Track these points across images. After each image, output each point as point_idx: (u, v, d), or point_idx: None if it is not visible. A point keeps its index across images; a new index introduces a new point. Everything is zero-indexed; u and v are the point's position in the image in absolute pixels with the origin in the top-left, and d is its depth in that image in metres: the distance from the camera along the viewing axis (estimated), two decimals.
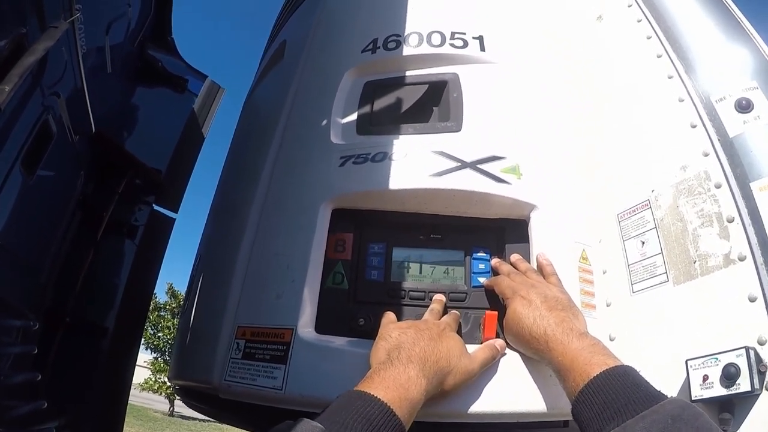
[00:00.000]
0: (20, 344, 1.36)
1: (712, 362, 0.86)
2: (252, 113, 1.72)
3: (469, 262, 1.08)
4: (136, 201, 2.20)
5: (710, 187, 0.99)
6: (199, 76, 2.54)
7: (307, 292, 1.03)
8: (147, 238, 2.19)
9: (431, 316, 0.98)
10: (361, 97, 1.23)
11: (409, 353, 0.84)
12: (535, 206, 1.07)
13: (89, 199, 1.95)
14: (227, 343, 1.08)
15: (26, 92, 1.28)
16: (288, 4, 1.86)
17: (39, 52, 1.21)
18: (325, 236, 1.08)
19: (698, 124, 1.06)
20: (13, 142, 1.27)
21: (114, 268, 2.11)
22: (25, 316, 1.31)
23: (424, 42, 1.25)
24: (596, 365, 0.77)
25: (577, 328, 0.87)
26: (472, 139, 1.12)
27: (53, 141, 1.48)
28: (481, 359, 0.91)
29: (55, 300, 1.79)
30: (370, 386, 0.77)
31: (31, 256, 1.58)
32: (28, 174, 1.38)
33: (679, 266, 0.99)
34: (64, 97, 1.51)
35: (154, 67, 2.33)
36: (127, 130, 2.23)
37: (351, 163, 1.11)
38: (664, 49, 1.19)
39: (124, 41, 2.08)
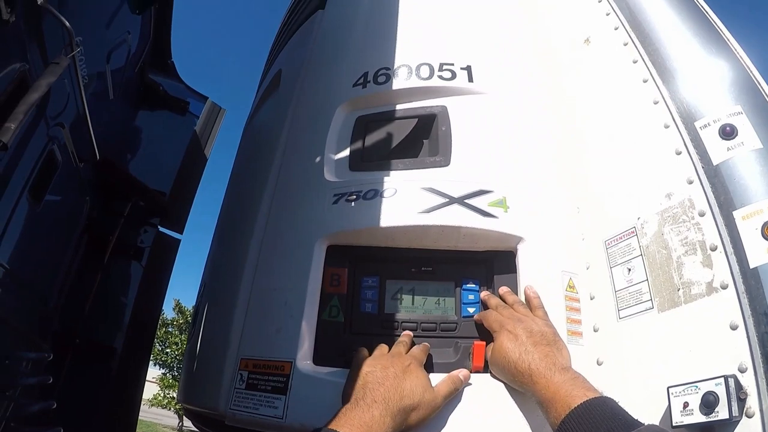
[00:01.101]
0: (36, 375, 1.42)
1: (692, 390, 0.89)
2: (251, 142, 1.76)
3: (459, 293, 1.12)
4: (142, 223, 2.26)
5: (694, 215, 1.01)
6: (200, 98, 2.59)
7: (305, 325, 1.08)
8: (153, 259, 2.25)
9: (400, 348, 1.03)
10: (353, 133, 1.27)
11: (373, 394, 0.90)
12: (522, 238, 1.10)
13: (95, 223, 2.01)
14: (231, 373, 1.14)
15: (31, 125, 1.33)
16: (282, 31, 1.89)
17: (42, 88, 1.25)
18: (320, 271, 1.12)
19: (683, 150, 1.07)
20: (20, 173, 1.32)
21: (121, 290, 2.16)
22: (39, 348, 1.36)
23: (413, 75, 1.29)
24: (577, 397, 0.82)
25: (560, 362, 0.92)
26: (460, 173, 1.15)
27: (59, 170, 1.53)
28: (444, 392, 0.96)
29: (64, 323, 1.85)
30: (337, 425, 0.84)
31: (40, 281, 1.64)
32: (35, 202, 1.43)
33: (663, 293, 1.01)
34: (68, 126, 1.56)
35: (156, 91, 2.38)
36: (130, 154, 2.29)
37: (344, 200, 1.15)
38: (649, 74, 1.20)
39: (124, 67, 2.12)
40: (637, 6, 1.30)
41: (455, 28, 1.40)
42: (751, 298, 0.89)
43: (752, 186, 0.97)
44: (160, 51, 2.47)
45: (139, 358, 2.21)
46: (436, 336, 1.09)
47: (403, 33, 1.39)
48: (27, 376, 1.40)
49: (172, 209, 2.36)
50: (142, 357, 2.25)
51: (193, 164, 2.50)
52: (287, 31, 1.82)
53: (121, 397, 2.06)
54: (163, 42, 2.46)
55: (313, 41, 1.57)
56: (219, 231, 1.69)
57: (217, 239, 1.68)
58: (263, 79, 1.89)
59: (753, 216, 0.95)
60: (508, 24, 1.45)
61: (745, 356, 0.86)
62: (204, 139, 2.55)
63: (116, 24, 1.94)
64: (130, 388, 2.14)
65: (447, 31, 1.40)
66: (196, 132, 2.52)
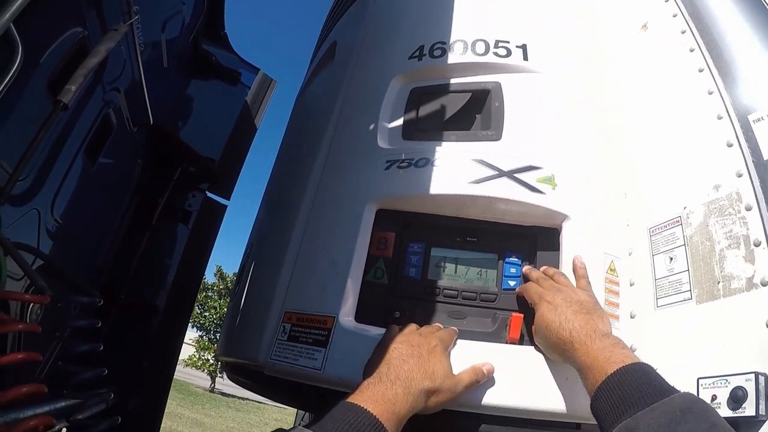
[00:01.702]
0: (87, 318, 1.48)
1: (722, 383, 0.89)
2: (303, 111, 1.79)
3: (502, 265, 1.14)
4: (190, 188, 2.32)
5: (741, 209, 1.00)
6: (252, 69, 2.62)
7: (350, 284, 1.12)
8: (199, 223, 2.31)
9: (430, 329, 1.04)
10: (407, 103, 1.29)
11: (397, 371, 0.91)
12: (567, 216, 1.11)
13: (146, 186, 2.09)
14: (274, 326, 1.18)
15: (89, 89, 1.40)
16: (337, 5, 1.91)
17: (101, 53, 1.31)
18: (368, 234, 1.16)
19: (734, 143, 1.06)
20: (76, 135, 1.38)
21: (167, 251, 2.24)
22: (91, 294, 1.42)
23: (468, 50, 1.30)
24: (614, 363, 0.83)
25: (601, 329, 0.92)
26: (511, 148, 1.17)
27: (113, 132, 1.59)
28: (466, 382, 0.96)
29: (112, 279, 1.93)
30: (360, 399, 0.84)
31: (91, 238, 1.71)
32: (90, 162, 1.49)
33: (703, 285, 1.01)
34: (124, 91, 1.62)
35: (208, 61, 2.43)
36: (182, 121, 2.35)
37: (396, 167, 1.18)
38: (706, 64, 1.19)
39: (179, 37, 2.18)
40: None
41: (512, 5, 1.41)
42: None
43: None
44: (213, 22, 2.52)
45: (180, 317, 2.28)
46: (476, 306, 1.11)
47: (459, 8, 1.40)
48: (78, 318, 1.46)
49: (220, 176, 2.40)
50: (182, 317, 2.30)
51: (243, 134, 2.54)
52: (342, 4, 1.84)
53: (160, 353, 2.13)
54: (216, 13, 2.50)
55: (369, 14, 1.59)
56: (268, 196, 1.74)
57: (266, 203, 1.72)
58: (317, 51, 1.92)
59: None
60: (565, 5, 1.45)
61: None
62: (254, 110, 2.58)
63: None
64: (169, 345, 2.21)
65: (504, 9, 1.41)
66: (247, 102, 2.55)
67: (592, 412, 0.84)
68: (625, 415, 0.75)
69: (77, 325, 1.44)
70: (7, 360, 0.95)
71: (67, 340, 1.43)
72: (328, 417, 0.82)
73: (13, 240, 1.10)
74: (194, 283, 2.43)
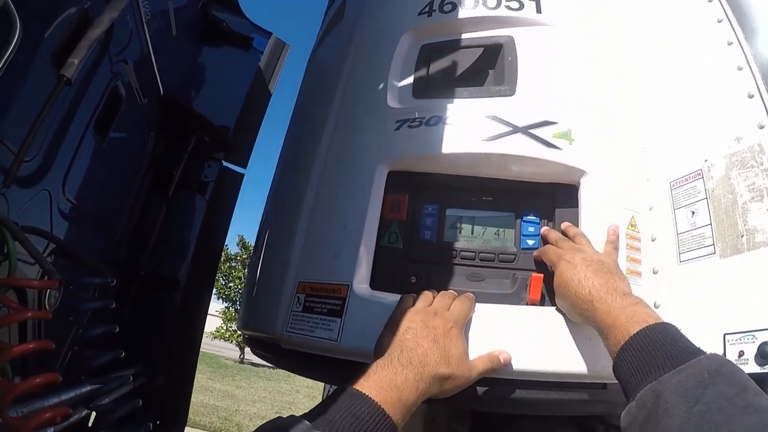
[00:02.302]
0: (99, 300, 1.46)
1: (749, 339, 0.88)
2: (314, 73, 1.76)
3: (519, 224, 1.11)
4: (206, 158, 2.27)
5: (763, 161, 0.97)
6: (264, 33, 2.55)
7: (363, 250, 1.09)
8: (217, 193, 2.27)
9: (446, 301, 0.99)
10: (417, 61, 1.25)
11: (409, 355, 0.87)
12: (585, 172, 1.08)
13: (160, 158, 2.05)
14: (289, 297, 1.16)
15: (95, 62, 1.35)
16: None
17: (104, 24, 1.26)
18: (381, 197, 1.13)
19: (755, 94, 1.03)
20: (84, 109, 1.35)
21: (186, 223, 2.20)
22: (103, 274, 1.41)
23: (479, 4, 1.25)
24: (637, 323, 0.80)
25: (621, 288, 0.90)
26: (526, 103, 1.13)
27: (123, 105, 1.56)
28: (480, 369, 0.93)
29: (130, 255, 1.91)
30: (365, 385, 0.81)
31: (106, 215, 1.70)
32: (101, 138, 1.46)
33: (726, 239, 0.98)
34: (132, 63, 1.58)
35: (219, 27, 2.35)
36: (194, 90, 2.30)
37: (407, 126, 1.15)
38: (725, 14, 1.15)
39: (187, 3, 2.12)
40: None
41: None
42: None
43: None
44: None
45: (202, 291, 2.25)
46: (495, 267, 1.09)
47: None
48: (90, 301, 1.45)
49: (235, 144, 2.35)
50: (205, 290, 2.28)
51: (257, 100, 2.48)
52: None
53: (184, 328, 2.11)
54: None
55: None
56: (281, 162, 1.71)
57: (279, 170, 1.70)
58: (328, 10, 1.87)
59: None
60: None
61: None
62: (268, 75, 2.51)
63: None
64: (193, 319, 2.19)
65: None
66: (260, 68, 2.49)
67: (615, 375, 0.82)
68: (650, 378, 0.73)
69: (89, 308, 1.43)
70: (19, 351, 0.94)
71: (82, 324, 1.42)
72: (329, 403, 0.79)
73: (24, 224, 1.08)
74: (215, 255, 2.41)
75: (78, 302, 1.37)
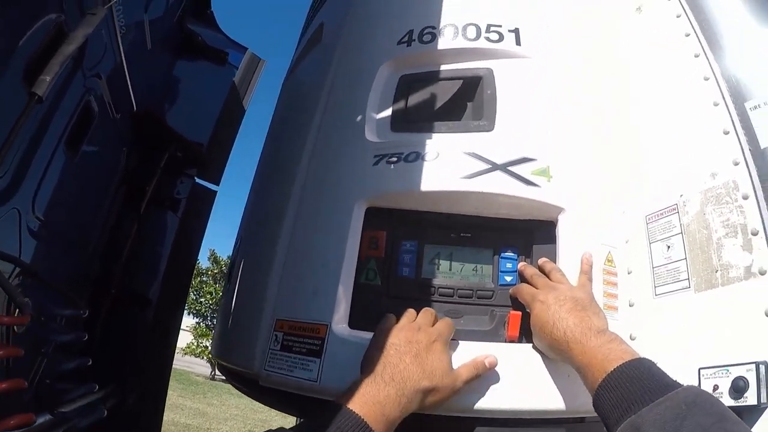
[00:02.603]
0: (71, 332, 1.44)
1: (723, 373, 0.89)
2: (291, 96, 1.74)
3: (497, 261, 1.11)
4: (179, 174, 2.24)
5: (738, 197, 0.99)
6: (239, 48, 2.53)
7: (341, 288, 1.08)
8: (189, 210, 2.24)
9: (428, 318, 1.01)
10: (396, 92, 1.25)
11: (392, 371, 0.88)
12: (563, 209, 1.08)
13: (132, 174, 2.01)
14: (267, 334, 1.15)
15: (67, 77, 1.32)
16: None
17: (78, 39, 1.23)
18: (359, 234, 1.12)
19: (731, 130, 1.05)
20: (56, 125, 1.31)
21: (157, 240, 2.17)
22: (75, 305, 1.38)
23: (459, 35, 1.25)
24: (613, 360, 0.81)
25: (596, 325, 0.91)
26: (504, 139, 1.13)
27: (95, 121, 1.52)
28: (465, 377, 0.94)
29: (101, 273, 1.87)
30: (350, 401, 0.83)
31: (77, 232, 1.65)
32: (72, 154, 1.43)
33: (701, 274, 1.00)
34: (105, 77, 1.55)
35: (194, 41, 2.33)
36: (168, 104, 2.27)
37: (385, 162, 1.14)
38: (702, 49, 1.17)
39: (163, 17, 2.08)
40: None
41: None
42: None
43: None
44: (199, 0, 2.42)
45: (174, 308, 2.24)
46: (473, 303, 1.08)
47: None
48: (61, 333, 1.42)
49: (209, 160, 2.34)
50: (177, 307, 2.26)
51: (231, 115, 2.46)
52: None
53: (155, 347, 2.09)
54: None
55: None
56: (256, 185, 1.69)
57: (254, 194, 1.67)
58: (305, 31, 1.85)
59: None
60: None
61: None
62: (243, 91, 2.50)
63: None
64: (164, 337, 2.17)
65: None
66: (235, 83, 2.47)
67: (596, 411, 0.83)
68: (629, 412, 0.74)
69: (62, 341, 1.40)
70: None
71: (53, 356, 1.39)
72: (315, 418, 0.82)
73: None
74: (187, 272, 2.38)
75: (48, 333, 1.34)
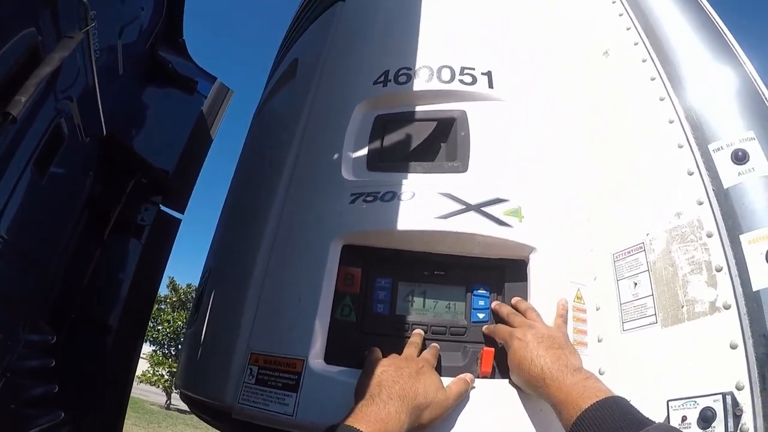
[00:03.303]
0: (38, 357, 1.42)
1: (691, 405, 0.92)
2: (263, 131, 1.75)
3: (470, 298, 1.13)
4: (144, 201, 2.24)
5: (702, 235, 1.03)
6: (209, 77, 2.56)
7: (317, 323, 1.09)
8: (153, 237, 2.24)
9: (412, 350, 1.05)
10: (371, 132, 1.28)
11: (389, 391, 0.92)
12: (534, 248, 1.11)
13: (97, 198, 2.00)
14: (241, 367, 1.14)
15: (40, 98, 1.32)
16: (299, 19, 1.87)
17: (54, 62, 1.24)
18: (335, 270, 1.14)
19: (695, 171, 1.09)
20: (26, 146, 1.31)
21: (120, 266, 2.16)
22: (42, 330, 1.36)
23: (434, 77, 1.29)
24: (588, 398, 0.84)
25: (572, 364, 0.94)
26: (478, 180, 1.16)
27: (65, 143, 1.52)
28: (455, 393, 0.98)
29: (62, 297, 1.85)
30: (354, 421, 0.86)
31: (39, 255, 1.63)
32: (40, 175, 1.42)
33: (667, 309, 1.03)
34: (77, 100, 1.55)
35: (165, 69, 2.35)
36: (136, 130, 2.27)
37: (361, 201, 1.16)
38: (666, 92, 1.21)
39: (136, 43, 2.10)
40: (657, 23, 1.30)
41: (478, 31, 1.40)
42: (752, 320, 0.92)
43: (760, 211, 1.00)
44: (172, 29, 2.44)
45: (134, 336, 2.22)
46: (446, 340, 1.10)
47: (425, 33, 1.38)
48: (28, 358, 1.40)
49: (174, 188, 2.34)
50: (136, 335, 2.25)
51: (198, 144, 2.48)
52: (305, 18, 1.80)
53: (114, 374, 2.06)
54: (175, 20, 2.43)
55: (332, 34, 1.56)
56: (226, 217, 1.69)
57: (223, 225, 1.67)
58: (276, 66, 1.87)
59: (759, 241, 0.97)
60: (530, 31, 1.45)
61: (743, 375, 0.89)
62: (210, 120, 2.53)
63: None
64: (123, 364, 2.15)
65: (469, 35, 1.39)
66: (203, 112, 2.50)
67: None
68: None
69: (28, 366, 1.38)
70: None
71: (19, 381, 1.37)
72: None
73: None
74: (148, 300, 2.37)
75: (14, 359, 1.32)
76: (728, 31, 1.24)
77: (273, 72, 1.91)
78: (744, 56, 1.18)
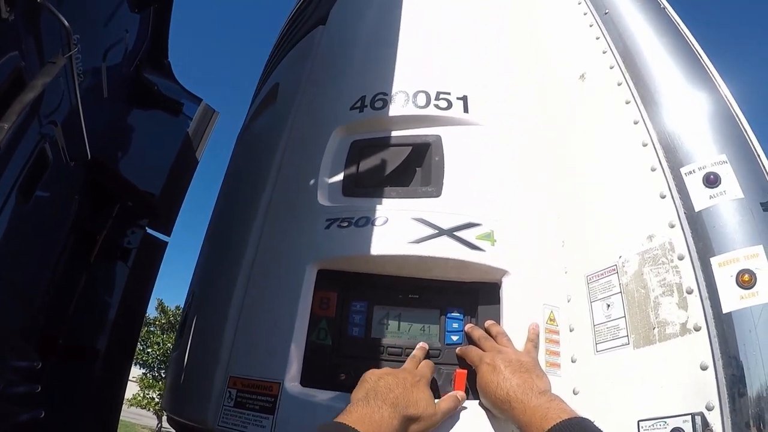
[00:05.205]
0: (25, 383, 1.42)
1: (661, 425, 0.93)
2: (245, 154, 1.77)
3: (444, 321, 1.15)
4: (129, 224, 2.24)
5: (674, 258, 1.05)
6: (194, 99, 2.57)
7: (293, 347, 1.11)
8: (139, 261, 2.23)
9: (411, 363, 1.07)
10: (347, 157, 1.30)
11: (384, 397, 0.94)
12: (507, 272, 1.13)
13: (83, 222, 1.99)
14: (220, 390, 1.16)
15: (23, 123, 1.31)
16: (281, 43, 1.89)
17: (37, 88, 1.25)
18: (311, 295, 1.15)
19: (667, 194, 1.11)
20: (9, 171, 1.31)
21: (106, 290, 2.15)
22: (29, 356, 1.37)
23: (410, 102, 1.31)
24: (551, 419, 0.86)
25: (538, 386, 0.96)
26: (451, 205, 1.18)
27: (49, 168, 1.52)
28: (444, 409, 1.00)
29: (49, 322, 1.84)
30: (348, 419, 0.88)
31: (25, 281, 1.63)
32: (24, 200, 1.42)
33: (639, 331, 1.05)
34: (61, 124, 1.55)
35: (150, 91, 2.35)
36: (121, 153, 2.26)
37: (336, 226, 1.18)
38: (641, 116, 1.23)
39: (120, 65, 2.10)
40: (634, 46, 1.32)
41: (454, 56, 1.43)
42: (722, 341, 0.93)
43: (730, 235, 1.01)
44: (157, 50, 2.45)
45: (123, 360, 2.21)
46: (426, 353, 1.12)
47: (402, 58, 1.41)
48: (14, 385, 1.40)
49: (160, 211, 2.34)
50: (125, 359, 2.24)
51: (184, 166, 2.49)
52: (286, 42, 1.83)
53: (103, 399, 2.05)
54: (160, 41, 2.44)
55: (312, 58, 1.59)
56: (209, 241, 1.71)
57: (207, 249, 1.69)
58: (259, 89, 1.90)
59: (729, 264, 0.99)
60: (506, 55, 1.48)
61: (713, 396, 0.90)
62: (196, 142, 2.53)
63: (114, 22, 1.92)
64: (112, 389, 2.14)
65: (445, 60, 1.42)
66: (189, 134, 2.50)
67: None
68: None
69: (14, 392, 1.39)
70: None
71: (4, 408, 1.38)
72: None
73: None
74: (136, 324, 2.37)
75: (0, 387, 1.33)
76: (704, 54, 1.26)
77: (256, 94, 1.93)
78: (719, 79, 1.20)
